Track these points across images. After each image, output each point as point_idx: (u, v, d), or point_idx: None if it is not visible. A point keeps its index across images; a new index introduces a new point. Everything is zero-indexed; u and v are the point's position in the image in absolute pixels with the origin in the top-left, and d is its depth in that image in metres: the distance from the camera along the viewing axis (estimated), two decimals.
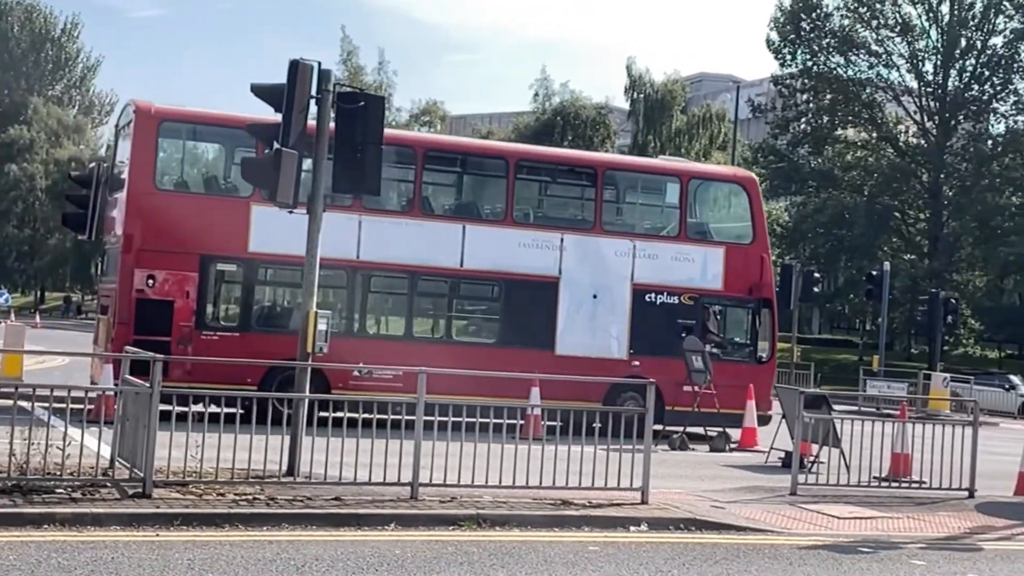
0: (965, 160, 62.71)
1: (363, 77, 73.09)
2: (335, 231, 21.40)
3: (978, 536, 13.31)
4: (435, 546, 10.68)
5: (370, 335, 23.00)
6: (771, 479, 16.94)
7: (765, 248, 25.17)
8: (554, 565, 10.21)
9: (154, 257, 21.18)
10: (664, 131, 70.79)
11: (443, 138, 34.30)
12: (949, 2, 62.12)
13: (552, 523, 12.02)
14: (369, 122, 13.70)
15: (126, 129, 22.67)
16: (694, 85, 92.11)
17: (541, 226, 24.04)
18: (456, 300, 24.12)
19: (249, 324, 22.05)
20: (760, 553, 11.40)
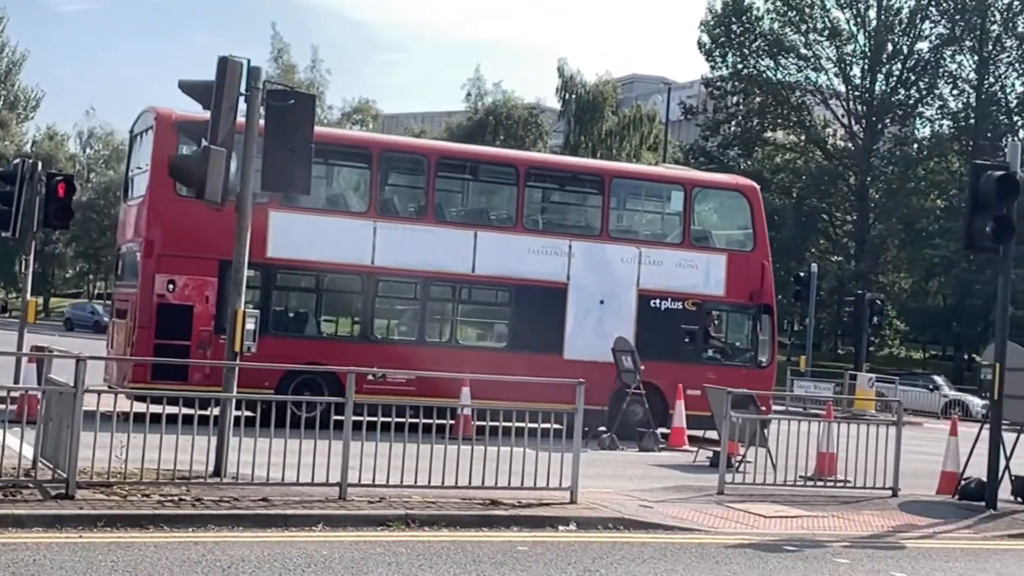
0: (891, 163, 63.65)
1: (296, 75, 72.65)
2: (351, 237, 22.43)
3: (901, 534, 13.51)
4: (363, 546, 10.63)
5: (384, 340, 23.30)
6: (699, 478, 17.05)
7: (766, 255, 25.67)
8: (482, 565, 10.21)
9: (174, 262, 21.40)
10: (596, 132, 71.04)
11: (455, 146, 34.68)
12: (876, 7, 63.05)
13: (481, 523, 12.02)
14: (299, 120, 13.59)
15: (143, 136, 22.88)
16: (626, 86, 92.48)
17: (550, 233, 24.46)
18: (467, 305, 24.57)
19: (267, 328, 21.93)
20: (687, 552, 11.49)
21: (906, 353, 70.91)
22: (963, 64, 65.06)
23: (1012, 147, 16.39)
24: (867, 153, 63.05)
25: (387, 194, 24.00)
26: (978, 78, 64.14)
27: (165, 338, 20.73)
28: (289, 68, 74.33)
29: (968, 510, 15.43)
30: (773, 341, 25.76)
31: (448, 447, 13.20)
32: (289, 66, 74.70)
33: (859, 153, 63.48)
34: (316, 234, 22.21)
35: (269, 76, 65.37)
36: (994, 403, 15.88)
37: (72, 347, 16.08)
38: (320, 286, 23.26)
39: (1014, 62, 64.76)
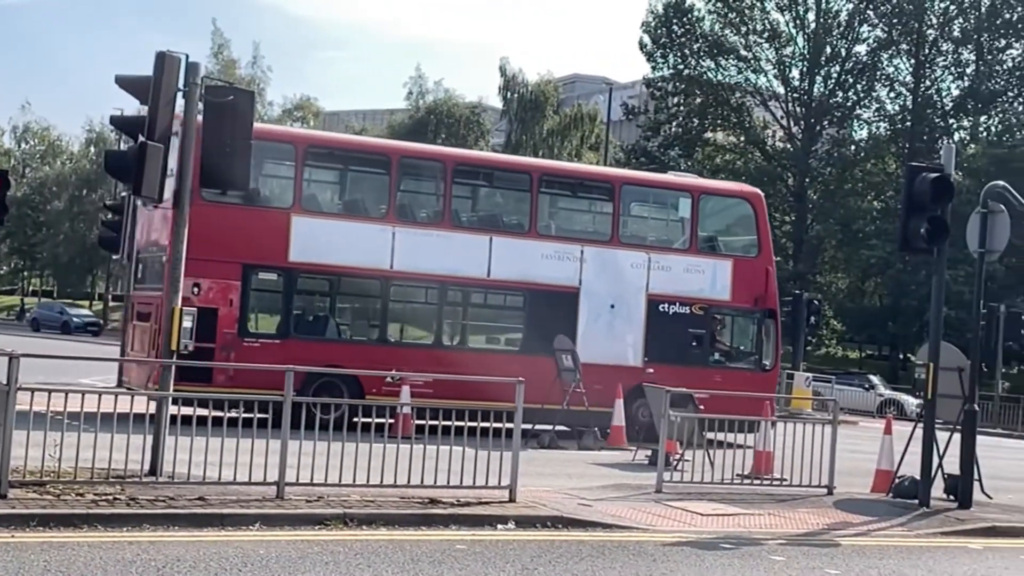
0: (829, 165, 64.28)
1: (236, 71, 72.19)
2: (370, 242, 22.92)
3: (836, 532, 13.66)
4: (300, 546, 10.58)
5: (402, 343, 23.68)
6: (638, 477, 17.14)
7: (770, 261, 26.16)
8: (420, 564, 10.19)
9: (199, 266, 21.06)
10: (538, 131, 71.22)
11: (472, 153, 35.09)
12: (815, 10, 63.62)
13: (420, 522, 12.00)
14: (238, 117, 13.50)
15: None
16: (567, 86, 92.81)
17: (562, 238, 24.85)
18: (482, 309, 25.04)
19: (289, 331, 22.56)
20: (625, 550, 11.54)
21: (843, 353, 71.67)
22: (900, 67, 65.89)
23: (947, 150, 16.65)
24: (805, 154, 63.63)
25: (405, 200, 24.39)
26: (914, 81, 64.97)
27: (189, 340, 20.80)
28: (230, 64, 73.82)
29: (902, 508, 15.64)
30: (777, 345, 26.21)
31: (388, 446, 13.17)
32: (230, 62, 74.20)
33: (797, 154, 64.05)
34: (336, 239, 22.73)
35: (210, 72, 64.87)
36: (928, 402, 16.11)
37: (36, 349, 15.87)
38: (340, 290, 23.72)
39: (950, 66, 65.72)
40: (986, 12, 64.39)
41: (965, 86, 65.16)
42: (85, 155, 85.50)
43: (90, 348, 47.65)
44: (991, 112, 64.89)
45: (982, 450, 17.58)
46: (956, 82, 65.98)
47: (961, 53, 65.64)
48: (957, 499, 16.07)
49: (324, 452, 12.66)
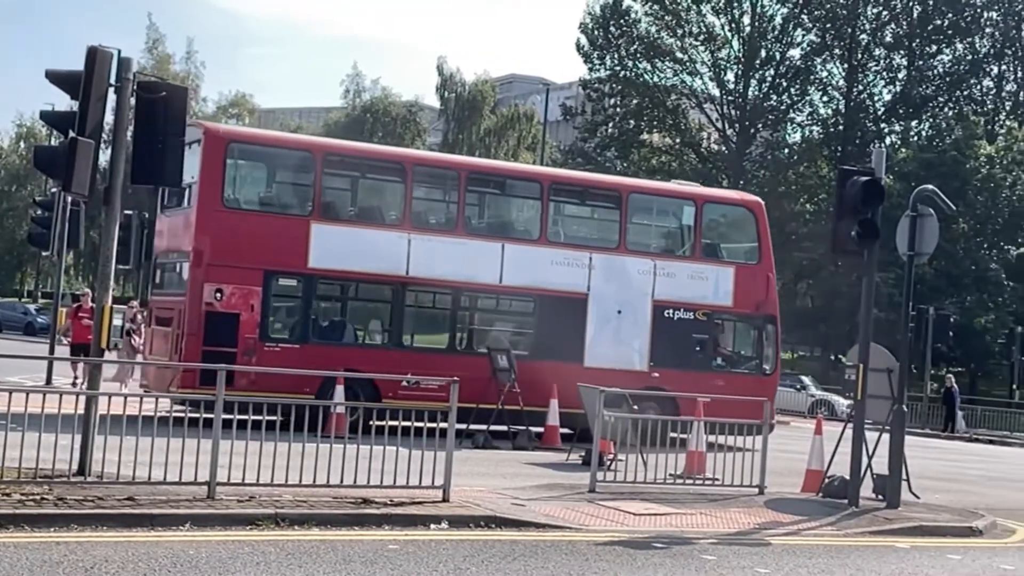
0: (763, 167, 64.95)
1: (170, 67, 71.45)
2: (387, 248, 23.27)
3: (766, 531, 13.77)
4: (231, 546, 10.49)
5: (417, 348, 23.84)
6: (571, 477, 17.18)
7: (770, 268, 26.45)
8: (353, 564, 10.15)
9: (222, 272, 21.97)
10: (475, 130, 71.28)
11: (485, 162, 35.49)
12: (751, 14, 64.26)
13: (352, 522, 11.94)
14: (170, 113, 13.33)
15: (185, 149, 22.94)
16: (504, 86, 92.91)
17: (572, 245, 25.08)
18: (495, 315, 25.36)
19: (308, 336, 22.80)
20: (558, 550, 11.56)
21: None
22: (833, 72, 66.84)
23: (877, 154, 16.85)
24: (740, 157, 64.24)
25: (420, 207, 24.59)
26: (847, 85, 65.87)
27: (213, 345, 21.15)
28: (165, 59, 73.11)
29: (832, 507, 15.80)
30: (777, 350, 26.65)
31: (321, 446, 13.10)
32: (165, 57, 73.48)
33: (732, 156, 64.64)
34: (354, 245, 23.08)
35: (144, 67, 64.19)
36: (858, 403, 16.31)
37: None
38: (357, 296, 24.13)
39: (882, 71, 66.72)
40: (917, 18, 65.49)
41: (896, 91, 66.23)
42: (15, 150, 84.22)
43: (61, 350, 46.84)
44: (922, 117, 65.98)
45: (910, 450, 17.85)
46: (888, 87, 67.11)
47: (893, 58, 66.74)
48: (885, 499, 16.28)
49: (256, 452, 12.56)
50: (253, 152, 24.40)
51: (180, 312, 22.09)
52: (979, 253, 53.75)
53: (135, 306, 29.26)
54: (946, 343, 39.21)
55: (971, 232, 53.96)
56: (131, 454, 12.14)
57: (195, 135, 23.02)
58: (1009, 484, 23.88)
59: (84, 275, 72.74)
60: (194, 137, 22.94)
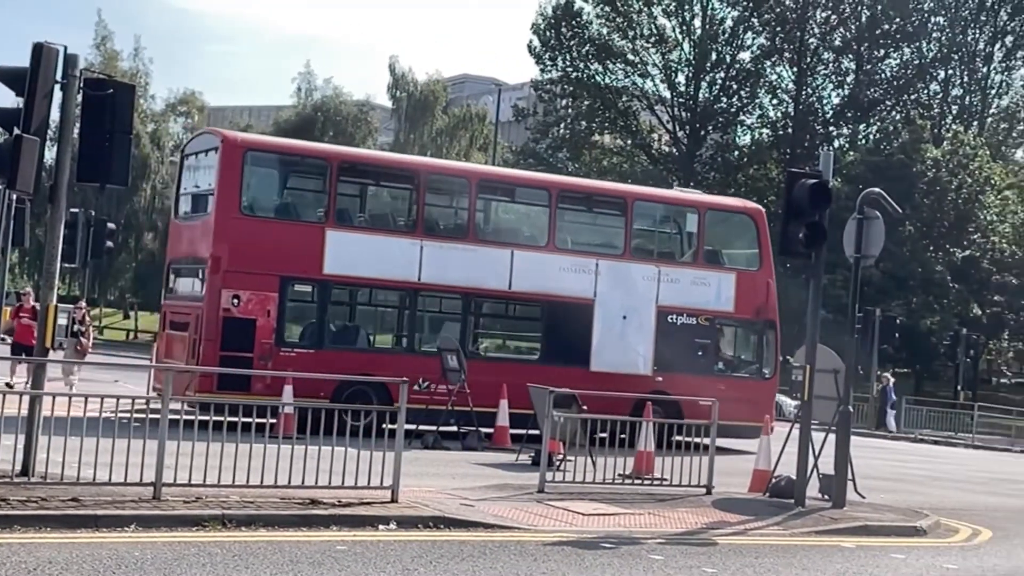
0: (713, 169, 65.31)
1: (118, 64, 70.78)
2: (399, 255, 23.77)
3: (714, 531, 13.85)
4: (177, 547, 10.41)
5: (428, 352, 23.87)
6: (520, 477, 17.21)
7: (770, 274, 26.93)
8: (300, 565, 10.10)
9: (239, 278, 22.42)
10: (426, 130, 71.16)
11: (495, 170, 35.99)
12: (701, 16, 64.60)
13: (300, 522, 11.88)
14: (117, 110, 13.20)
15: (201, 156, 24.26)
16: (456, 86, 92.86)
17: (579, 252, 25.52)
18: (504, 320, 26.18)
19: (323, 341, 23.26)
20: (506, 550, 11.57)
21: None
22: (782, 75, 67.33)
23: (825, 157, 16.99)
24: (690, 158, 64.56)
25: (432, 214, 25.06)
26: (796, 89, 66.39)
27: (230, 350, 21.71)
28: (113, 56, 72.39)
29: (778, 507, 15.92)
30: (776, 354, 27.18)
31: (269, 446, 13.03)
32: (113, 54, 72.77)
33: (682, 158, 64.94)
34: (368, 252, 23.55)
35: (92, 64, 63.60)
36: (804, 404, 16.44)
37: None
38: (371, 301, 24.65)
39: (830, 74, 67.30)
40: (866, 23, 66.14)
41: (845, 95, 66.81)
42: None
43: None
44: (870, 120, 66.64)
45: (856, 451, 18.04)
46: (836, 90, 67.69)
47: (841, 62, 67.35)
48: (831, 499, 16.42)
49: (203, 452, 12.47)
50: (269, 160, 24.88)
51: (198, 318, 22.43)
52: (925, 255, 54.30)
53: (83, 306, 28.94)
54: (892, 344, 39.64)
55: (917, 235, 54.51)
56: (76, 455, 12.03)
57: (212, 143, 23.89)
58: (953, 484, 24.17)
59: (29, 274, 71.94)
60: (211, 145, 23.89)
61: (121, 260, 71.51)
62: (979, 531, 16.06)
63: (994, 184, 57.02)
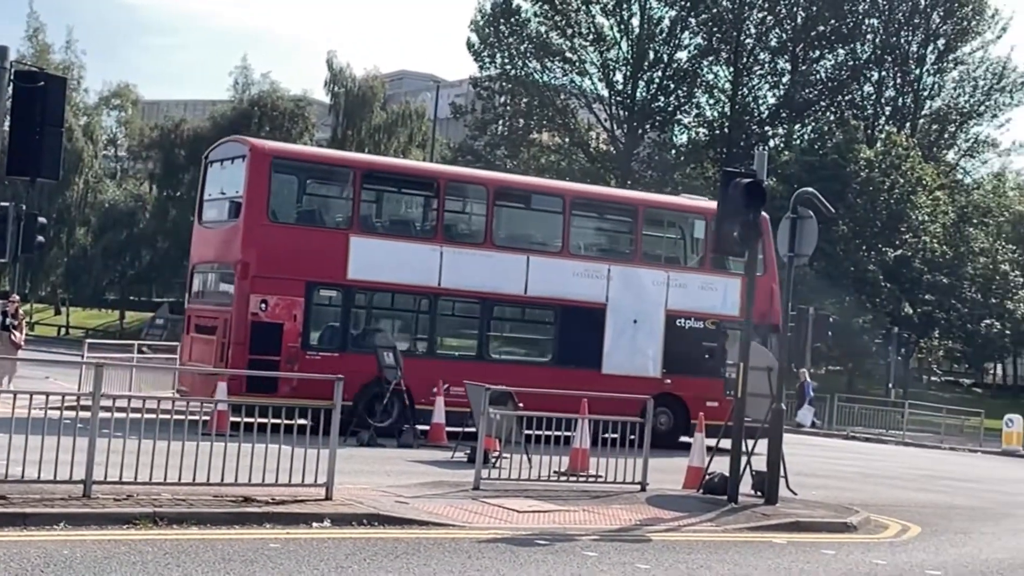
0: (650, 168, 65.54)
1: (50, 56, 69.76)
2: (420, 260, 24.36)
3: (647, 528, 13.94)
4: (107, 546, 10.29)
5: (447, 355, 24.96)
6: (456, 474, 17.20)
7: (775, 279, 27.27)
8: (232, 563, 10.03)
9: (267, 283, 22.96)
10: (364, 127, 70.74)
11: (512, 177, 36.29)
12: (639, 16, 64.86)
13: (233, 520, 11.80)
14: (48, 103, 13.02)
15: (226, 164, 24.83)
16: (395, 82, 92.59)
17: (591, 257, 26.25)
18: (520, 324, 26.65)
19: (347, 345, 23.56)
20: (441, 547, 11.56)
21: None
22: (719, 75, 67.80)
23: (759, 156, 17.15)
24: (628, 157, 64.80)
25: (451, 221, 25.70)
26: (733, 88, 66.89)
27: (258, 353, 22.18)
28: (45, 48, 71.34)
29: (711, 504, 16.05)
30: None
31: (202, 444, 12.92)
32: (45, 46, 71.71)
33: (620, 157, 65.17)
34: (390, 258, 24.08)
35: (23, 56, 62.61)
36: (738, 401, 16.58)
37: None
38: (393, 305, 25.08)
39: (766, 75, 67.88)
40: (801, 24, 66.74)
41: (780, 95, 67.41)
42: None
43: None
44: (804, 120, 67.25)
45: (789, 448, 18.23)
46: (772, 91, 68.25)
47: (777, 63, 67.94)
48: (764, 495, 16.58)
49: (135, 450, 12.33)
50: (295, 168, 25.37)
51: (226, 322, 22.92)
52: (858, 255, 54.92)
53: (16, 300, 28.49)
54: (825, 342, 40.07)
55: (850, 234, 55.12)
56: (3, 452, 11.85)
57: (239, 151, 24.48)
58: (883, 481, 24.50)
59: None
60: (238, 153, 24.51)
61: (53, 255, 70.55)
62: (908, 527, 16.31)
63: (925, 185, 57.79)
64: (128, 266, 75.67)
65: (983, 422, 44.83)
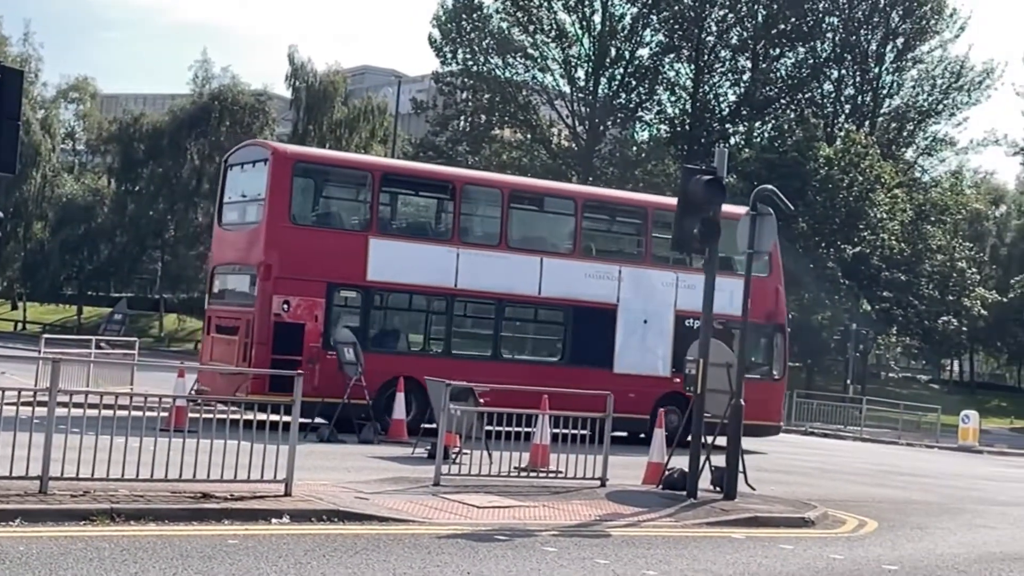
0: (612, 164, 65.64)
1: (7, 49, 69.09)
2: (437, 262, 24.80)
3: (607, 523, 13.97)
4: (64, 542, 10.21)
5: (463, 355, 25.16)
6: (416, 470, 17.18)
7: (779, 280, 28.56)
8: (190, 559, 9.98)
9: (289, 284, 23.42)
10: (326, 121, 70.46)
11: (526, 181, 37.02)
12: (601, 13, 64.93)
13: (191, 516, 11.73)
14: (5, 96, 12.89)
15: (248, 167, 25.19)
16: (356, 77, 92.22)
17: (603, 259, 26.81)
18: (533, 324, 27.15)
19: (366, 345, 23.62)
20: (400, 543, 11.55)
21: None
22: (681, 72, 67.96)
23: (719, 153, 17.24)
24: (589, 153, 64.87)
25: (468, 223, 26.14)
26: (694, 86, 67.09)
27: (280, 353, 22.47)
28: (1, 41, 70.65)
29: (671, 499, 16.11)
30: (785, 356, 29.11)
31: (160, 439, 12.85)
32: (1, 39, 71.01)
33: (582, 153, 65.24)
34: (408, 259, 24.53)
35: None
36: (698, 396, 16.65)
37: None
38: (410, 306, 25.65)
39: (727, 72, 68.14)
40: (762, 22, 67.04)
41: (741, 92, 67.70)
42: None
43: None
44: (765, 118, 67.57)
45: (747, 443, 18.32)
46: (733, 88, 68.51)
47: (738, 60, 68.21)
48: (723, 491, 16.66)
49: (92, 446, 12.24)
50: (317, 171, 25.97)
51: (248, 322, 23.31)
52: (817, 252, 55.28)
53: None
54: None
55: (810, 231, 55.44)
56: None
57: (261, 155, 25.08)
58: (841, 476, 24.68)
59: None
60: (259, 156, 25.07)
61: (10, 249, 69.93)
62: (865, 522, 16.43)
63: (884, 183, 58.21)
64: (86, 261, 75.08)
65: (940, 418, 45.29)
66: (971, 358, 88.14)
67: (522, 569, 10.85)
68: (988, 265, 76.03)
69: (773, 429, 28.63)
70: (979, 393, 76.97)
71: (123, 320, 63.90)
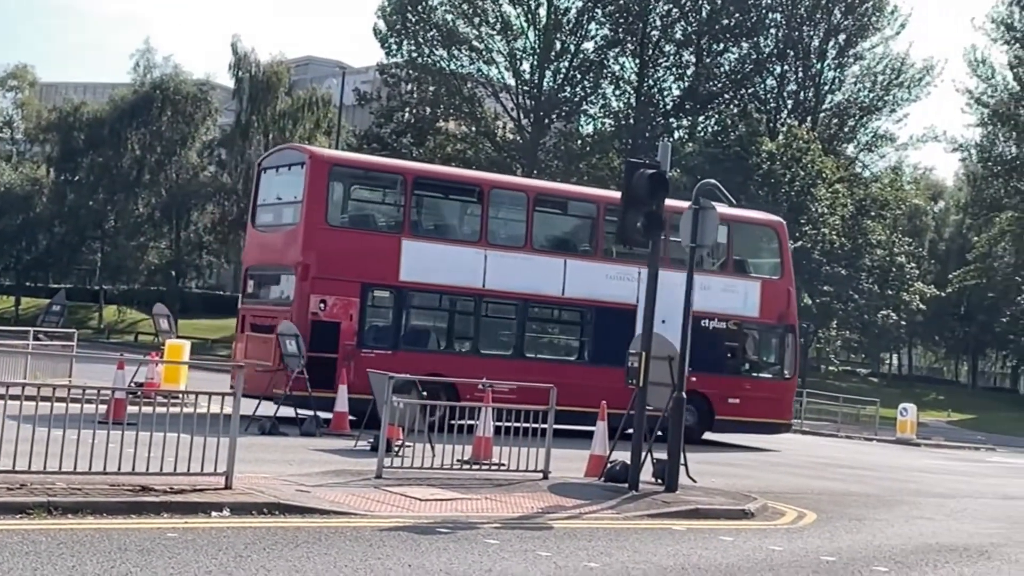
0: (556, 158, 65.74)
1: None
2: (467, 263, 25.58)
3: (549, 515, 14.01)
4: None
5: (489, 354, 25.91)
6: (359, 463, 17.14)
7: (791, 282, 29.58)
8: (128, 552, 9.88)
9: (325, 284, 24.15)
10: (269, 112, 70.06)
11: (550, 184, 37.60)
12: (547, 6, 64.99)
13: (129, 510, 11.61)
14: None
15: (283, 170, 26.22)
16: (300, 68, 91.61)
17: (623, 261, 26.76)
18: (557, 324, 28.10)
19: (398, 343, 24.81)
20: (342, 536, 11.51)
21: None
22: (625, 66, 68.20)
23: (663, 147, 17.32)
24: (534, 146, 64.94)
25: (495, 226, 26.83)
26: (638, 80, 67.37)
27: (317, 351, 23.08)
28: None
29: (613, 491, 16.18)
30: (796, 356, 30.11)
31: (99, 432, 12.71)
32: None
33: (526, 146, 65.29)
34: (439, 261, 25.29)
35: None
36: (640, 390, 16.73)
37: None
38: (440, 306, 26.24)
39: (671, 67, 68.47)
40: (706, 17, 67.42)
41: (685, 87, 68.04)
42: None
43: None
44: (708, 112, 67.99)
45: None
46: (677, 83, 68.86)
47: (682, 55, 68.56)
48: (665, 483, 16.76)
49: (29, 438, 12.08)
50: (352, 175, 26.89)
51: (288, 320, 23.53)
52: None
53: None
54: None
55: None
56: None
57: (298, 158, 25.92)
58: (782, 468, 24.88)
59: None
60: (296, 160, 25.93)
61: None
62: (805, 514, 16.59)
63: (825, 178, 58.78)
64: (24, 251, 74.16)
65: (878, 411, 45.84)
66: (910, 352, 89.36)
67: (464, 561, 10.85)
68: (927, 260, 77.12)
69: (784, 427, 29.43)
70: (917, 387, 78.01)
71: (62, 311, 62.89)
